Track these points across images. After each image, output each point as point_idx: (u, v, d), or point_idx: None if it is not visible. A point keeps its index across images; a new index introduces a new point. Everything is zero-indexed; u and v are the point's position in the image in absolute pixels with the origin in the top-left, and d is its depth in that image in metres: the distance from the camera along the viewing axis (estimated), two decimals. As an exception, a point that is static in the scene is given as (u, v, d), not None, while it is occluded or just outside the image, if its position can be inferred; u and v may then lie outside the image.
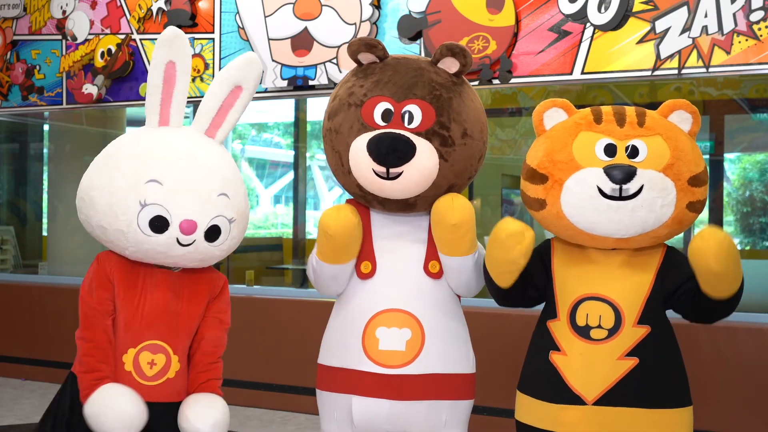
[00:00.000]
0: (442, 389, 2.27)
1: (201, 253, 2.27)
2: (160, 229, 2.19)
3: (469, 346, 2.39)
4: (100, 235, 2.29)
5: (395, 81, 2.25)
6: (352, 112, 2.27)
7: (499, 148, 6.55)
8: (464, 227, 2.21)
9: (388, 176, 2.19)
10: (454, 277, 2.30)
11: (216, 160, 2.34)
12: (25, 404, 4.84)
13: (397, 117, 2.22)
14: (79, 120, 6.24)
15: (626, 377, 2.06)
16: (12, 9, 5.52)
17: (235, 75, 2.41)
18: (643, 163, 2.06)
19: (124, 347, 2.26)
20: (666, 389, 2.09)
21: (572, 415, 2.10)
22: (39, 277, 6.09)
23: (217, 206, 2.26)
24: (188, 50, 2.36)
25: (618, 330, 2.08)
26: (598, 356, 2.09)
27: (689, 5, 3.62)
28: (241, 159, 11.01)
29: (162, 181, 2.21)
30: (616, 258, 2.16)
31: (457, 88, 2.29)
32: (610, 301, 2.11)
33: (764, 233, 7.82)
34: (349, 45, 2.30)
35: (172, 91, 2.35)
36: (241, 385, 4.64)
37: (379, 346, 2.24)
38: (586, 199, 2.08)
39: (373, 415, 2.26)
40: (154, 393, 2.26)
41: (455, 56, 2.25)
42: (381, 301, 2.28)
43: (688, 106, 2.17)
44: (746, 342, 3.73)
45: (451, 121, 2.23)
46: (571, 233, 2.18)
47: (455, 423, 2.33)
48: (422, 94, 2.22)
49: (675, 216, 2.08)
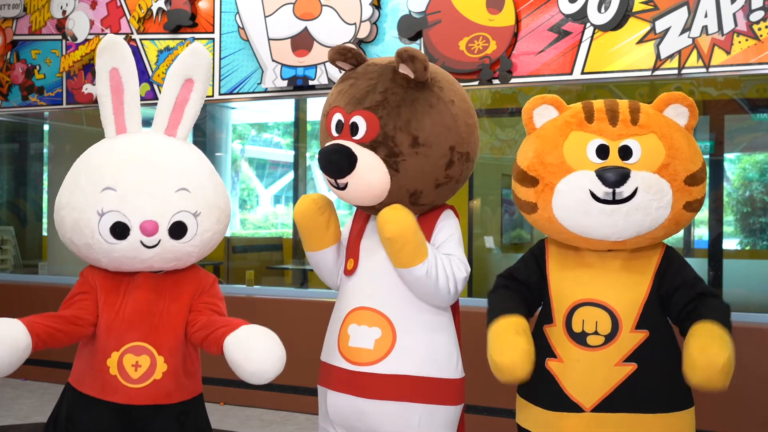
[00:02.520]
0: (413, 391, 2.23)
1: (171, 252, 2.26)
2: (121, 235, 2.19)
3: (452, 352, 2.31)
4: (75, 252, 2.33)
5: (350, 91, 2.24)
6: (323, 121, 2.34)
7: (499, 148, 6.55)
8: (400, 240, 2.15)
9: (337, 186, 2.22)
10: (410, 288, 2.25)
11: (175, 157, 2.32)
12: (25, 404, 4.84)
13: (346, 128, 2.22)
14: (79, 120, 6.24)
15: (624, 383, 2.00)
16: (12, 9, 5.52)
17: (183, 68, 2.39)
18: (637, 164, 1.99)
19: (107, 351, 2.23)
20: (666, 393, 2.03)
21: (571, 423, 2.05)
22: (39, 277, 6.08)
23: (176, 202, 2.24)
24: (129, 54, 2.34)
25: (615, 336, 2.02)
26: (596, 363, 2.03)
27: (689, 5, 3.62)
28: (241, 159, 11.01)
29: (116, 187, 2.21)
30: (612, 261, 2.10)
31: (412, 95, 2.20)
32: (606, 306, 2.04)
33: (764, 233, 7.82)
34: (328, 53, 2.31)
35: (122, 98, 2.34)
36: (241, 385, 4.63)
37: (349, 343, 2.26)
38: (579, 203, 2.01)
39: (343, 410, 2.28)
40: (140, 395, 2.23)
41: (404, 62, 2.17)
42: (356, 299, 2.29)
43: (683, 99, 2.08)
44: (746, 342, 3.73)
45: (397, 130, 2.17)
46: (565, 236, 2.12)
47: (432, 427, 2.27)
48: (369, 105, 2.19)
49: (672, 217, 2.01)
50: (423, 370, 2.25)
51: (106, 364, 2.22)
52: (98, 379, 2.23)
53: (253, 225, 12.10)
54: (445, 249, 2.28)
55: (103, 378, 2.22)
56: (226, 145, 8.33)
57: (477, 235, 6.39)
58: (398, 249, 2.17)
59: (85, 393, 2.25)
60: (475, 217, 6.33)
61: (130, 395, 2.21)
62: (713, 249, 5.60)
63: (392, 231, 2.15)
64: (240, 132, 10.78)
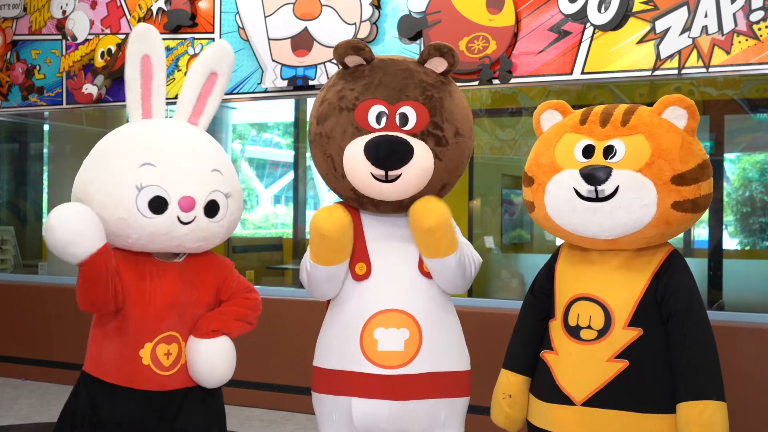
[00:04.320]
0: (440, 387, 2.28)
1: (203, 230, 2.30)
2: (159, 210, 2.22)
3: (463, 344, 2.40)
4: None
5: (387, 83, 2.25)
6: (345, 115, 2.26)
7: (499, 148, 6.54)
8: (440, 230, 2.19)
9: (386, 179, 2.20)
10: (439, 278, 2.30)
11: (203, 141, 2.41)
12: (25, 404, 4.84)
13: (392, 119, 2.22)
14: (79, 120, 6.24)
15: (615, 380, 2.03)
16: (12, 9, 5.52)
17: (209, 62, 2.49)
18: (620, 163, 2.03)
19: (141, 342, 2.26)
20: (657, 394, 2.04)
21: (561, 415, 2.10)
22: (39, 277, 6.08)
23: (212, 181, 2.31)
24: (161, 43, 2.43)
25: (607, 331, 2.06)
26: (588, 357, 2.07)
27: (689, 5, 3.62)
28: (241, 159, 11.01)
29: (155, 163, 2.25)
30: (614, 259, 2.15)
31: (447, 88, 2.31)
32: (600, 301, 2.09)
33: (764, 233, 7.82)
34: (336, 48, 2.30)
35: (150, 85, 2.41)
36: (241, 385, 4.64)
37: (378, 347, 2.24)
38: (565, 201, 2.09)
39: (373, 416, 2.26)
40: (172, 381, 2.30)
41: (443, 56, 2.26)
42: (378, 302, 2.28)
43: (682, 101, 2.10)
44: (746, 342, 3.73)
45: (444, 120, 2.25)
46: (562, 234, 2.19)
47: (453, 420, 2.34)
48: (415, 95, 2.23)
49: (659, 216, 2.03)
50: (446, 365, 2.31)
51: (138, 355, 2.26)
52: (129, 368, 2.26)
53: (253, 225, 12.10)
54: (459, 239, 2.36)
55: (134, 368, 2.26)
56: (226, 145, 8.32)
57: (477, 235, 6.39)
58: (438, 238, 2.21)
59: (111, 382, 2.27)
60: (475, 217, 6.33)
61: (162, 382, 2.28)
62: (713, 249, 5.60)
63: (434, 220, 2.18)
64: (240, 132, 10.77)
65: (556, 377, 2.12)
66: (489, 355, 3.07)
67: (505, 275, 6.37)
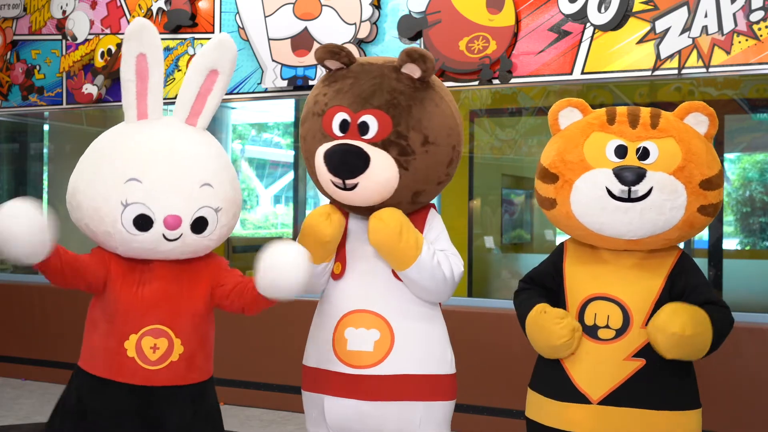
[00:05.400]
0: (414, 390, 2.26)
1: (190, 245, 2.27)
2: (144, 227, 2.19)
3: (445, 347, 2.36)
4: (90, 236, 2.31)
5: (354, 90, 2.24)
6: (315, 121, 2.30)
7: (499, 148, 6.54)
8: (384, 248, 2.21)
9: (345, 187, 2.21)
10: (408, 287, 2.29)
11: (198, 150, 2.31)
12: (25, 404, 4.85)
13: (354, 127, 2.22)
14: (79, 120, 6.24)
15: (632, 378, 2.06)
16: (12, 9, 5.52)
17: (209, 59, 2.39)
18: (654, 165, 2.06)
19: (125, 333, 2.23)
20: (673, 391, 2.09)
21: (577, 414, 2.11)
22: (39, 277, 6.02)
23: (200, 198, 2.24)
24: (158, 40, 2.32)
25: (626, 331, 2.08)
26: (605, 356, 2.09)
27: (689, 5, 3.62)
28: (241, 159, 11.00)
29: (141, 179, 2.20)
30: (627, 260, 2.17)
31: (419, 95, 2.24)
32: (619, 301, 2.11)
33: (764, 233, 7.81)
34: (315, 52, 2.30)
35: (146, 84, 2.32)
36: (241, 385, 4.64)
37: (347, 347, 2.26)
38: (595, 200, 2.09)
39: (344, 415, 2.27)
40: (157, 377, 2.25)
41: (415, 62, 2.20)
42: (350, 302, 2.30)
43: (704, 109, 2.15)
44: (746, 342, 3.73)
45: (410, 129, 2.20)
46: (582, 233, 2.19)
47: (431, 423, 2.30)
48: (379, 104, 2.20)
49: (686, 219, 2.08)
50: (422, 368, 2.28)
51: (123, 347, 2.23)
52: (114, 361, 2.24)
53: (253, 225, 12.09)
54: (439, 245, 2.32)
55: (119, 360, 2.23)
56: (226, 145, 8.32)
57: (477, 235, 6.38)
58: (386, 255, 2.23)
59: (98, 375, 2.26)
60: (475, 217, 6.32)
61: (147, 376, 2.23)
62: (713, 249, 5.60)
63: (374, 240, 2.20)
64: (240, 132, 10.76)
65: (572, 376, 2.13)
66: (489, 355, 3.08)
67: (505, 275, 6.37)
